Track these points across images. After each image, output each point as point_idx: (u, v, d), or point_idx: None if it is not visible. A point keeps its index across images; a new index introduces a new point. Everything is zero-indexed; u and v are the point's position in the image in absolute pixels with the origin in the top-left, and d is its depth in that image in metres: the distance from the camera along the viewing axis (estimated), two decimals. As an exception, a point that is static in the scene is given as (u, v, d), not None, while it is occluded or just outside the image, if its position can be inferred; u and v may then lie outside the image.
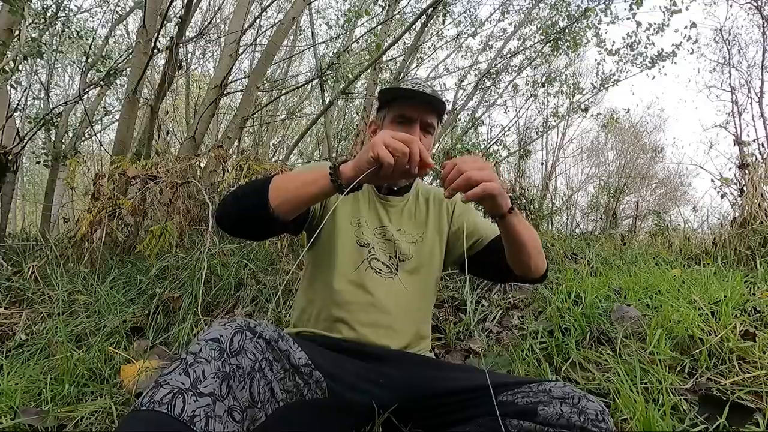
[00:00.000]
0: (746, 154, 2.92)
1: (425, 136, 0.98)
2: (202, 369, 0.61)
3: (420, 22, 3.59)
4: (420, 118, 0.96)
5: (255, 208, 0.83)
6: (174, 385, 0.58)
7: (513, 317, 1.67)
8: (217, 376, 0.62)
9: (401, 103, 0.97)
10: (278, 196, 0.81)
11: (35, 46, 2.46)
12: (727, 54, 8.37)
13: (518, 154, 5.45)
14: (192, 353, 0.63)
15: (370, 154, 0.74)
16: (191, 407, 0.57)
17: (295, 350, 0.74)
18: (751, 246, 2.22)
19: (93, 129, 4.94)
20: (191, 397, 0.58)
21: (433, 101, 0.95)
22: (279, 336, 0.73)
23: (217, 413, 0.59)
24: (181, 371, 0.60)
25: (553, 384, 0.75)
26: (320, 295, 0.98)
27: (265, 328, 0.72)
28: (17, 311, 1.69)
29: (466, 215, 1.07)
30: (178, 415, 0.56)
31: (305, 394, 0.74)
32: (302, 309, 1.01)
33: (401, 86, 1.00)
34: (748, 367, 1.08)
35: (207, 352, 0.64)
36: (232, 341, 0.67)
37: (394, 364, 0.90)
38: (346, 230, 1.00)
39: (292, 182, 0.83)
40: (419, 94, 0.95)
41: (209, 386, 0.60)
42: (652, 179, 12.87)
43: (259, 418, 0.66)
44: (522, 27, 5.46)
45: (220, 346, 0.65)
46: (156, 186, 2.33)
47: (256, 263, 2.06)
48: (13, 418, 1.03)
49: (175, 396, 0.57)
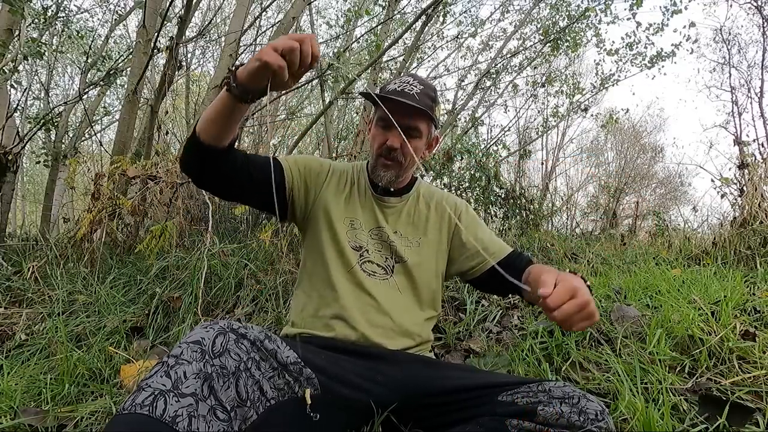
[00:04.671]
0: (746, 154, 2.92)
1: (410, 140, 0.96)
2: (183, 370, 0.61)
3: (420, 22, 3.59)
4: (400, 123, 0.92)
5: (190, 145, 0.84)
6: (155, 387, 0.59)
7: (513, 317, 1.67)
8: (199, 376, 0.62)
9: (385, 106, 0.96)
10: (200, 125, 0.83)
11: (35, 46, 2.46)
12: (727, 54, 8.38)
13: (518, 154, 5.46)
14: (173, 356, 0.64)
15: (256, 62, 0.71)
16: (173, 408, 0.57)
17: (283, 349, 0.74)
18: (751, 246, 2.22)
19: (93, 129, 4.94)
20: (173, 398, 0.58)
21: (413, 107, 0.92)
22: (265, 336, 0.73)
23: (200, 413, 0.59)
24: (163, 374, 0.61)
25: (553, 384, 0.75)
26: (318, 293, 0.98)
27: (249, 329, 0.72)
28: (17, 311, 1.69)
29: (472, 231, 1.05)
30: (160, 416, 0.56)
31: (296, 391, 0.74)
32: (301, 306, 1.01)
33: (390, 85, 0.99)
34: (748, 367, 1.08)
35: (188, 354, 0.64)
36: (215, 343, 0.67)
37: (393, 363, 0.90)
38: (339, 230, 0.99)
39: (208, 110, 0.83)
40: (398, 101, 0.92)
41: (191, 386, 0.60)
42: (652, 179, 12.87)
43: (250, 416, 0.66)
44: (522, 27, 5.46)
45: (201, 348, 0.65)
46: (156, 186, 2.33)
47: (256, 263, 2.06)
48: (13, 418, 1.03)
49: (157, 398, 0.57)
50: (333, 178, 1.05)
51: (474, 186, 3.54)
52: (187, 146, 0.86)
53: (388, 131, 0.96)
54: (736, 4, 7.31)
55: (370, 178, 1.05)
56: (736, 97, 8.10)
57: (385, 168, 0.99)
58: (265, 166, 0.92)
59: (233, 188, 0.92)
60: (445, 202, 1.09)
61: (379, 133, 0.98)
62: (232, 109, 0.79)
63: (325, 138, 3.58)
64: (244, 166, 0.90)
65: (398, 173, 1.00)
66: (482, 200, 3.51)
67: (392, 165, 0.98)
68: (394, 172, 0.99)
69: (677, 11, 4.54)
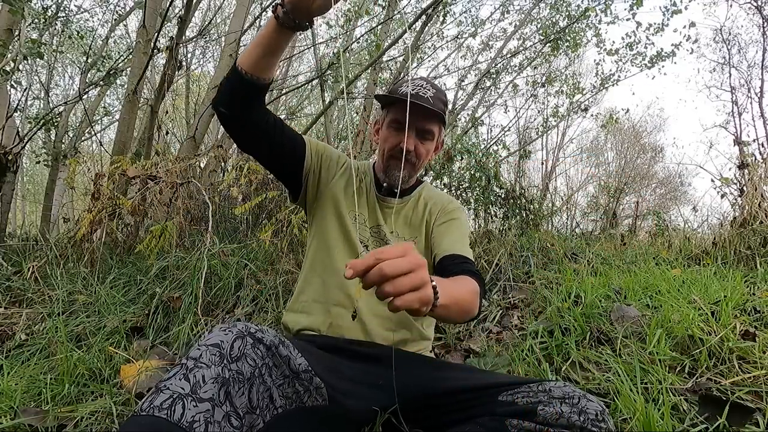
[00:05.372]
0: (746, 154, 2.92)
1: (422, 142, 0.99)
2: (202, 374, 0.61)
3: (420, 22, 3.59)
4: (415, 125, 0.96)
5: (229, 78, 0.86)
6: (174, 390, 0.58)
7: (513, 317, 1.67)
8: (217, 381, 0.61)
9: (397, 108, 0.97)
10: (242, 58, 0.84)
11: (35, 47, 2.46)
12: (727, 54, 8.38)
13: (518, 154, 5.45)
14: (192, 358, 0.63)
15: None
16: (191, 413, 0.57)
17: (296, 356, 0.73)
18: (751, 246, 2.22)
19: (93, 129, 4.95)
20: (191, 403, 0.58)
21: (430, 110, 0.94)
22: (280, 341, 0.73)
23: (216, 419, 0.59)
24: (181, 376, 0.60)
25: (553, 384, 0.75)
26: (320, 279, 0.99)
27: (266, 333, 0.71)
28: (17, 311, 1.69)
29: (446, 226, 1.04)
30: (178, 421, 0.56)
31: (305, 400, 0.73)
32: (301, 291, 1.02)
33: (403, 87, 0.99)
34: (748, 367, 1.08)
35: (207, 357, 0.63)
36: (233, 347, 0.66)
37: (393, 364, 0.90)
38: (346, 221, 1.02)
39: (252, 42, 0.85)
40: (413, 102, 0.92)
41: (209, 391, 0.60)
42: (652, 179, 12.89)
43: (257, 424, 0.65)
44: (522, 27, 5.46)
45: (220, 351, 0.65)
46: (156, 186, 2.33)
47: (256, 263, 2.06)
48: (13, 418, 1.03)
49: (175, 401, 0.57)
50: (346, 171, 1.07)
51: (474, 186, 3.54)
52: (225, 80, 0.87)
53: (402, 133, 0.97)
54: (736, 4, 7.32)
55: (375, 178, 1.08)
56: (736, 97, 8.11)
57: (397, 168, 1.00)
58: (292, 137, 0.97)
59: (259, 141, 0.94)
60: (442, 201, 1.09)
61: (392, 134, 1.00)
62: (277, 38, 0.81)
63: (325, 138, 3.59)
64: (276, 126, 0.93)
65: (410, 173, 1.03)
66: (482, 200, 3.51)
67: (405, 165, 1.00)
68: (406, 172, 1.02)
69: (677, 11, 4.54)
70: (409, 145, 0.97)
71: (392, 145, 0.99)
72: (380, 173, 1.06)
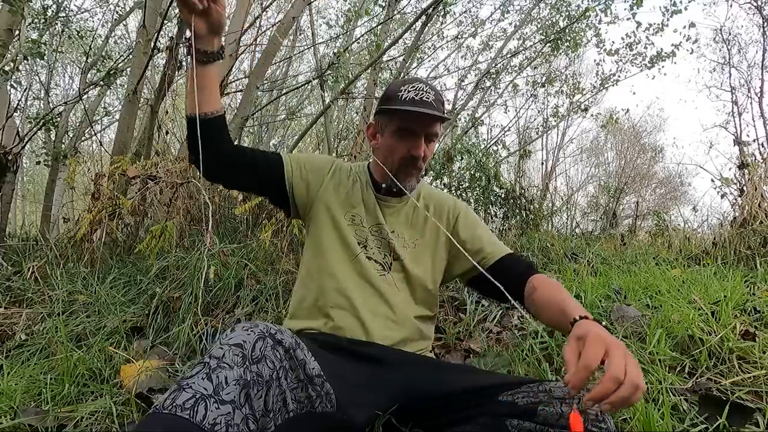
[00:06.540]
0: (746, 154, 2.92)
1: (428, 145, 0.99)
2: (224, 375, 0.61)
3: (420, 22, 3.59)
4: (423, 131, 0.96)
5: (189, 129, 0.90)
6: (197, 390, 0.58)
7: (513, 317, 1.67)
8: (239, 383, 0.61)
9: (403, 116, 0.96)
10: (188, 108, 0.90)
11: (35, 47, 2.45)
12: (727, 54, 8.38)
13: (518, 154, 5.45)
14: (215, 357, 0.63)
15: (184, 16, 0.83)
16: (213, 414, 0.56)
17: (310, 360, 0.73)
18: (751, 246, 2.22)
19: (93, 129, 4.94)
20: (213, 404, 0.57)
21: (436, 115, 0.94)
22: (297, 344, 0.72)
23: (236, 421, 0.58)
24: (204, 376, 0.60)
25: (554, 384, 0.75)
26: (317, 284, 0.99)
27: (284, 334, 0.71)
28: (17, 311, 1.69)
29: (471, 230, 1.05)
30: (200, 422, 0.55)
31: (316, 406, 0.72)
32: (300, 298, 1.02)
33: (403, 92, 0.97)
34: (748, 367, 1.08)
35: (230, 358, 0.63)
36: (254, 348, 0.66)
37: (394, 366, 0.90)
38: (341, 224, 1.01)
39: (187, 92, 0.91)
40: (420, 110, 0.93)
41: (231, 393, 0.59)
42: (652, 179, 12.89)
43: (269, 427, 0.65)
44: (522, 27, 5.46)
45: (243, 352, 0.64)
46: (156, 186, 2.33)
47: (256, 263, 2.06)
48: (13, 418, 1.03)
49: (198, 402, 0.57)
50: (335, 175, 1.07)
51: (474, 186, 3.54)
52: (187, 137, 0.92)
53: (410, 140, 0.97)
54: (736, 4, 7.31)
55: (372, 179, 1.07)
56: (736, 97, 8.11)
57: (409, 176, 1.01)
58: (267, 158, 1.01)
59: (239, 174, 0.98)
60: (445, 203, 1.09)
61: (398, 143, 0.98)
62: (202, 73, 0.88)
63: (325, 138, 3.59)
64: (248, 153, 0.98)
65: (419, 177, 1.05)
66: (482, 200, 3.52)
67: (416, 172, 1.01)
68: (416, 178, 1.04)
69: (677, 11, 4.54)
70: (419, 152, 0.98)
71: (402, 154, 0.98)
72: (377, 174, 1.06)
